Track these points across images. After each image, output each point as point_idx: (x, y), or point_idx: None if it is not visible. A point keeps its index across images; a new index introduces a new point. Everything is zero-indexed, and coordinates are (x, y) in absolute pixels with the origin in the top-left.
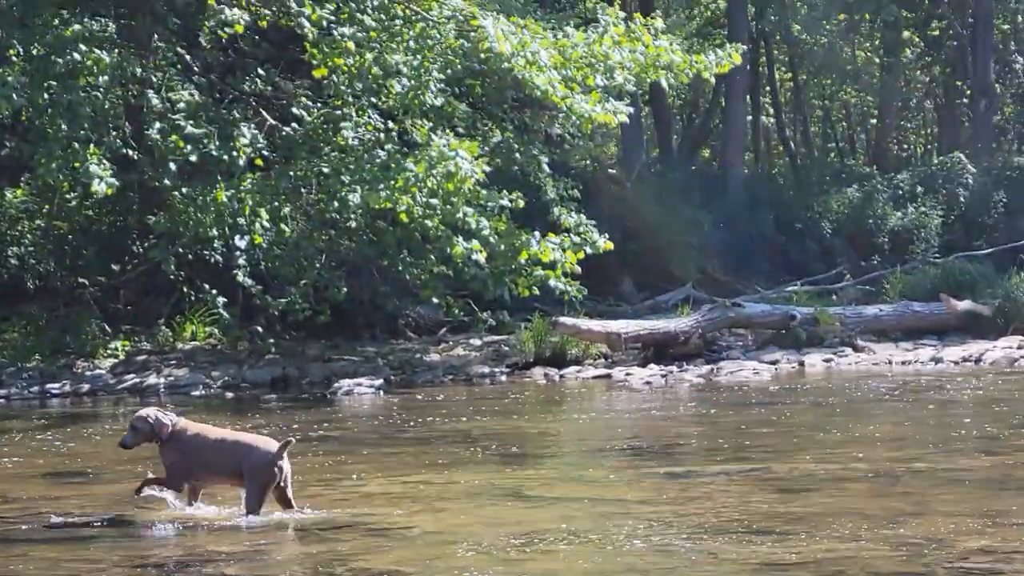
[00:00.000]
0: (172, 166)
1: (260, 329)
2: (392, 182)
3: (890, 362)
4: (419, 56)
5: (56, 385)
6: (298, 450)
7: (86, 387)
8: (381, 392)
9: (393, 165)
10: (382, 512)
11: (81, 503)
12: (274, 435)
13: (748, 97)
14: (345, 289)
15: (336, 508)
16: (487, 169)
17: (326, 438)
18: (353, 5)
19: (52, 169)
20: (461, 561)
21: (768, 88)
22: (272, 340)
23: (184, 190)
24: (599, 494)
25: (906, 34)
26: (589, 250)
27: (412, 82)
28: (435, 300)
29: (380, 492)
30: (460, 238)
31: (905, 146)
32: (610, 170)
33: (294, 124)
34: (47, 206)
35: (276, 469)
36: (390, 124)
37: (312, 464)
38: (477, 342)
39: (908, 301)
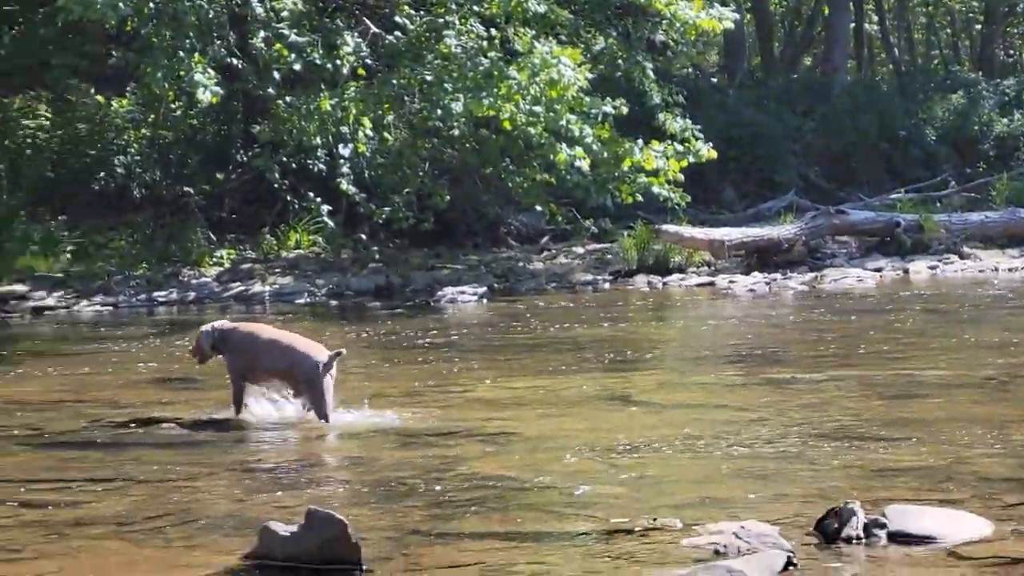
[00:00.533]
0: (276, 75)
1: (364, 237)
2: (495, 90)
3: (996, 269)
4: None
5: (163, 293)
6: (404, 356)
7: (192, 295)
8: (484, 300)
9: (496, 73)
10: (490, 418)
11: (191, 408)
12: (379, 344)
13: (851, 4)
14: (448, 197)
15: (444, 414)
16: (590, 76)
17: (431, 345)
18: None
19: (158, 78)
20: (569, 467)
21: None
22: (375, 248)
23: (288, 99)
24: (705, 400)
25: None
26: (692, 159)
27: None
28: (538, 208)
29: (487, 398)
30: (563, 145)
31: (1011, 52)
32: (712, 78)
33: (397, 32)
34: (152, 115)
35: (329, 376)
36: (493, 32)
37: (419, 371)
38: (579, 250)
39: (1015, 207)
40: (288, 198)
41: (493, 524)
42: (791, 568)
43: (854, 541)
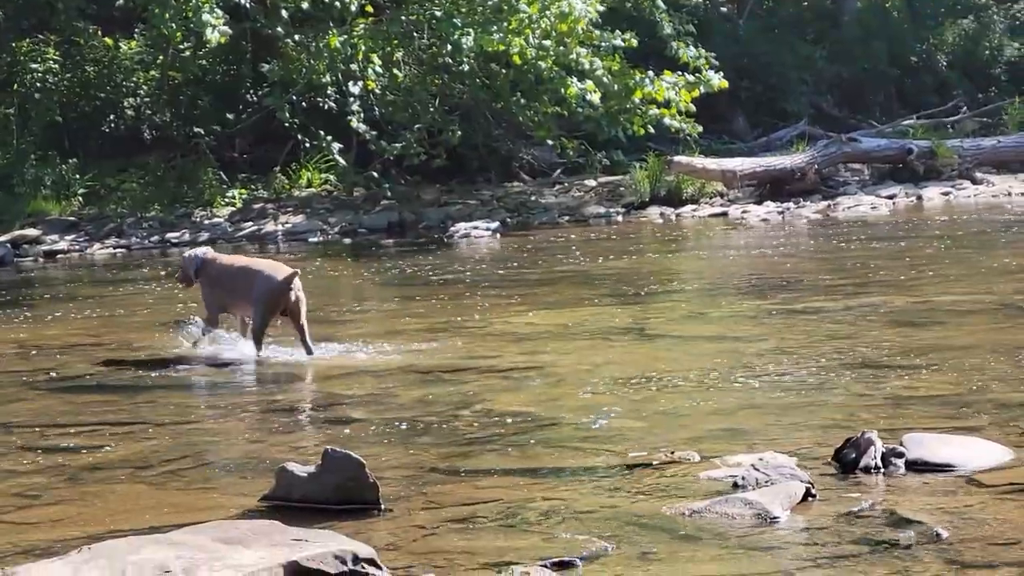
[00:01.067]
0: (284, 13)
1: (375, 175)
2: (505, 24)
3: (1010, 194)
4: None
5: (175, 234)
6: (419, 293)
7: (205, 235)
8: (497, 235)
9: (506, 7)
10: (506, 353)
11: (203, 349)
12: (393, 281)
13: None
14: (459, 133)
15: (460, 350)
16: (600, 9)
17: (446, 281)
18: None
19: (165, 19)
20: (585, 401)
21: None
22: (387, 185)
23: (296, 37)
24: (721, 331)
25: None
26: (704, 89)
27: None
28: (549, 142)
29: (503, 334)
30: (574, 79)
31: None
32: (721, 8)
33: None
34: (161, 57)
35: (281, 296)
36: None
37: (433, 306)
38: (592, 183)
39: None
40: (299, 137)
41: (511, 460)
42: (810, 499)
43: (872, 471)
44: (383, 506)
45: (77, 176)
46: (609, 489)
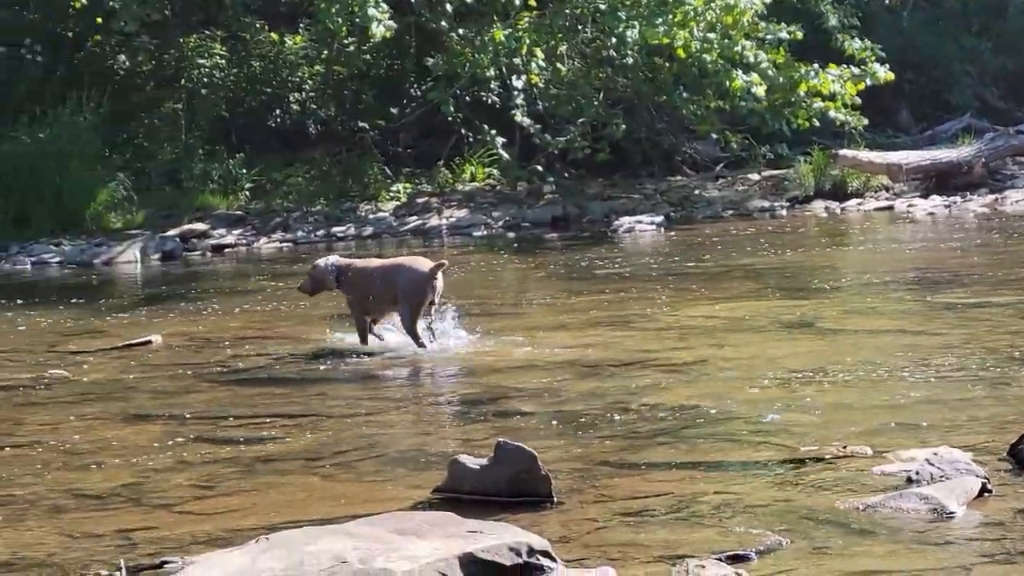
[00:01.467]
0: (448, 7)
1: (539, 168)
2: (670, 17)
3: None
4: None
5: (341, 228)
6: (584, 287)
7: (369, 230)
8: (661, 229)
9: (670, 0)
10: (673, 347)
11: (373, 343)
12: (558, 275)
13: None
14: (623, 127)
15: (627, 343)
16: (766, 1)
17: (610, 275)
18: None
19: (331, 14)
20: (755, 395)
21: None
22: (552, 179)
23: (461, 31)
24: (890, 326)
25: None
26: (870, 81)
27: None
28: (713, 135)
29: (669, 327)
30: (738, 72)
31: None
32: (885, 0)
33: None
34: (326, 51)
35: (428, 288)
36: None
37: (599, 300)
38: (755, 177)
39: None
40: (462, 131)
41: (680, 454)
42: (986, 494)
43: None
44: (555, 499)
45: (244, 171)
46: (781, 483)
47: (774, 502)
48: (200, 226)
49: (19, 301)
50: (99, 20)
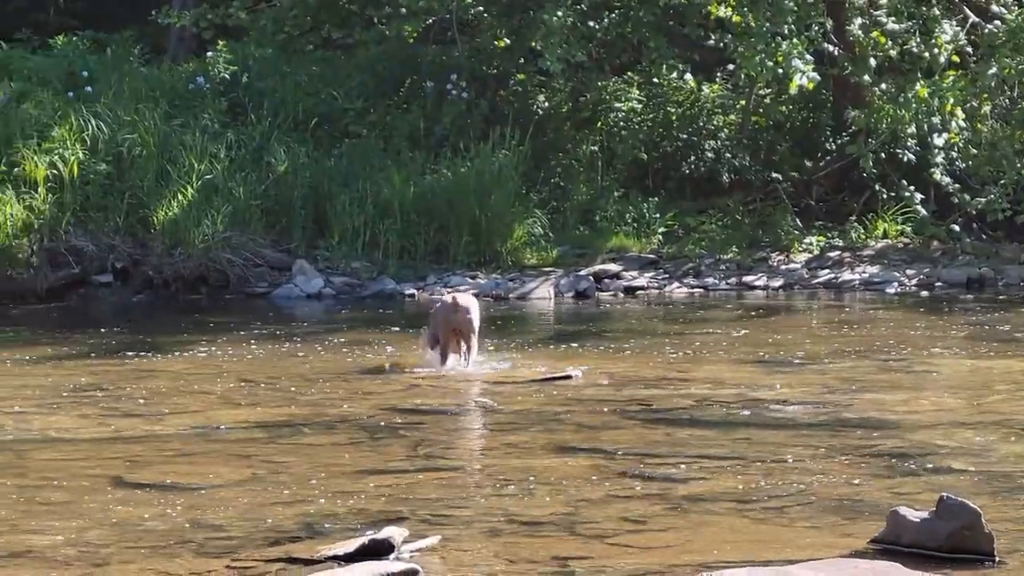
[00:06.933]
0: (872, 62)
1: (956, 228)
2: None
3: None
4: None
5: (751, 277)
6: (1005, 350)
7: (780, 281)
8: None
9: None
10: None
11: (795, 390)
12: (973, 337)
13: None
14: None
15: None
16: None
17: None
18: None
19: (755, 63)
20: None
21: None
22: (969, 240)
23: (883, 86)
24: None
25: None
26: None
27: None
28: None
29: None
30: None
31: None
32: None
33: (997, 21)
34: (742, 101)
35: (443, 322)
36: None
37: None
38: None
39: None
40: (876, 187)
41: None
42: None
43: None
44: (996, 558)
45: (657, 215)
46: None
47: None
48: (613, 267)
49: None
50: (521, 60)
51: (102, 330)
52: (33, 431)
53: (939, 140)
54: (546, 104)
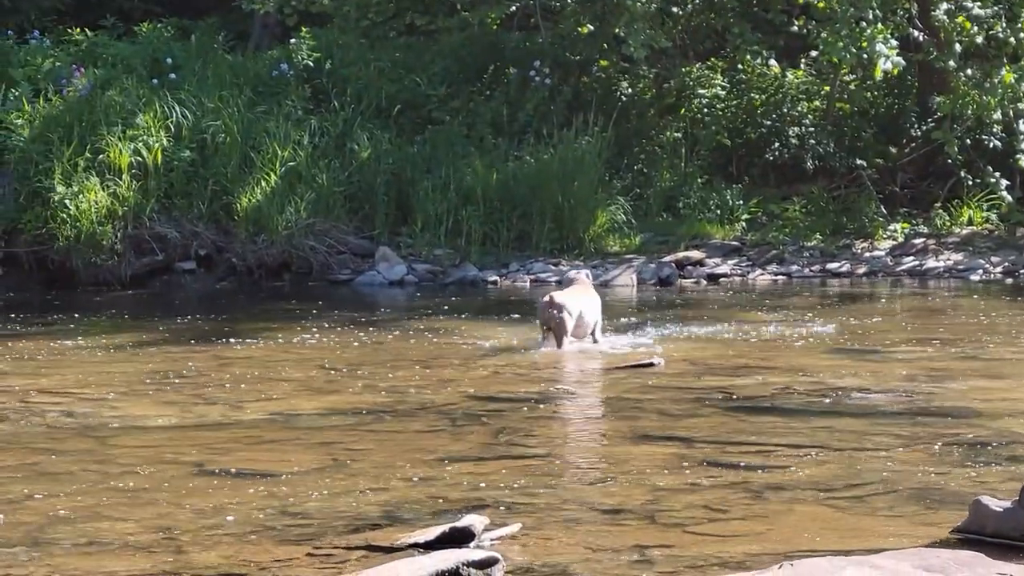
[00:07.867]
0: (957, 47)
1: None
2: None
3: None
4: None
5: (835, 264)
6: None
7: (863, 268)
8: None
9: None
10: None
11: (879, 379)
12: None
13: None
14: None
15: None
16: None
17: None
18: None
19: (838, 48)
20: None
21: None
22: None
23: (968, 71)
24: None
25: None
26: None
27: None
28: None
29: None
30: None
31: None
32: None
33: None
34: (826, 87)
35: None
36: None
37: None
38: None
39: None
40: (961, 173)
41: None
42: None
43: None
44: None
45: (740, 201)
46: None
47: None
48: (695, 254)
49: (515, 315)
50: (605, 46)
51: (185, 317)
52: (115, 418)
53: None
54: (629, 90)
